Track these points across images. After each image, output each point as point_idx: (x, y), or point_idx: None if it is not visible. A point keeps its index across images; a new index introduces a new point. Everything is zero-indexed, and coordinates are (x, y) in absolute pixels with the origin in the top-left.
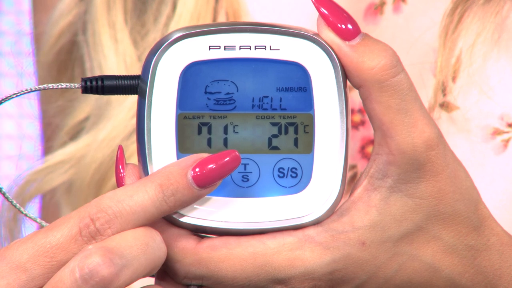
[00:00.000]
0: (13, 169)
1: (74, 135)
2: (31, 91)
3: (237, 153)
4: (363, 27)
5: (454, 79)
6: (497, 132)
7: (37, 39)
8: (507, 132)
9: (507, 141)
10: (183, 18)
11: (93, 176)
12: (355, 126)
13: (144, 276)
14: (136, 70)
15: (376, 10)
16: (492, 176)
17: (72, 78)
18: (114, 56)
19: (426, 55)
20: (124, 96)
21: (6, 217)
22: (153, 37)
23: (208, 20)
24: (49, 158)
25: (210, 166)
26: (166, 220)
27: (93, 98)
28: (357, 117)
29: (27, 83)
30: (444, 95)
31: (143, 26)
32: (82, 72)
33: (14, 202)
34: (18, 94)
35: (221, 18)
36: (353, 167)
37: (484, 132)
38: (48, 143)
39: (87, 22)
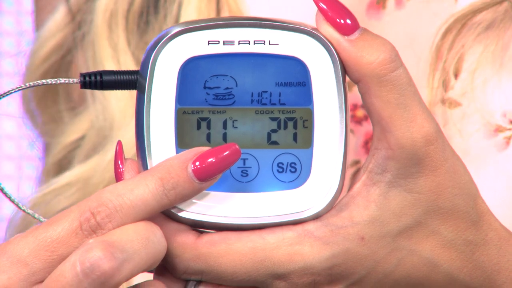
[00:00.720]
0: (13, 169)
1: (69, 153)
2: (29, 87)
3: (237, 146)
4: (366, 22)
5: (456, 75)
6: (499, 129)
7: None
8: (509, 129)
9: (509, 138)
10: None
11: None
12: (359, 121)
13: (144, 271)
14: None
15: (379, 4)
16: (494, 173)
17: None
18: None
19: (429, 50)
20: (129, 117)
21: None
22: None
23: None
24: (55, 181)
25: (210, 159)
26: (165, 215)
27: (85, 118)
28: (361, 112)
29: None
30: (446, 91)
31: (145, 46)
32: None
33: (13, 197)
34: (16, 90)
35: None
36: (357, 162)
37: (487, 129)
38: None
39: (86, 44)
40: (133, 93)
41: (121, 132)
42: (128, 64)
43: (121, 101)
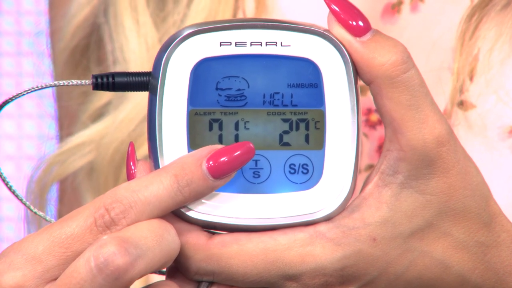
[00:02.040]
0: (13, 169)
1: (96, 119)
2: (42, 88)
3: (251, 144)
4: (381, 27)
5: (471, 78)
6: None
7: (52, 36)
8: None
9: None
10: (204, 0)
11: (113, 156)
12: (373, 125)
13: (157, 269)
14: None
15: (394, 9)
16: (508, 175)
17: (88, 73)
18: (136, 38)
19: (444, 54)
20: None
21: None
22: (173, 20)
23: (230, 5)
24: (71, 140)
25: (224, 157)
26: (176, 216)
27: None
28: (375, 117)
29: (31, 82)
30: (461, 93)
31: (163, 8)
32: (103, 54)
33: (24, 200)
34: (30, 91)
35: (242, 5)
36: (371, 166)
37: (501, 131)
38: (68, 130)
39: (108, 4)
40: (150, 50)
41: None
42: (147, 25)
43: (138, 59)
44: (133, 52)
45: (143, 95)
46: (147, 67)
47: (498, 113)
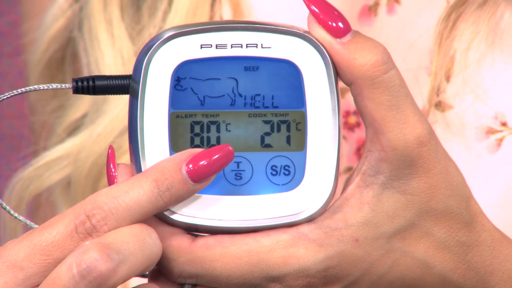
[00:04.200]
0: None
1: (71, 132)
2: (22, 92)
3: (230, 147)
4: (358, 28)
5: (448, 78)
6: (491, 131)
7: (26, 48)
8: (500, 131)
9: (501, 140)
10: (180, 13)
11: (90, 170)
12: (351, 128)
13: (139, 273)
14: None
15: (370, 11)
16: (486, 175)
17: (64, 81)
18: (111, 51)
19: (421, 55)
20: None
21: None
22: (149, 33)
23: (205, 15)
24: (47, 155)
25: (204, 160)
26: (159, 219)
27: (88, 96)
28: (353, 119)
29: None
30: (438, 94)
31: (138, 22)
32: (79, 68)
33: (4, 204)
34: (8, 96)
35: (219, 12)
36: (349, 169)
37: (478, 131)
38: (45, 143)
39: (83, 18)
40: (125, 63)
41: (113, 105)
42: (122, 38)
43: (114, 73)
44: (108, 65)
45: (121, 108)
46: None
47: (475, 113)
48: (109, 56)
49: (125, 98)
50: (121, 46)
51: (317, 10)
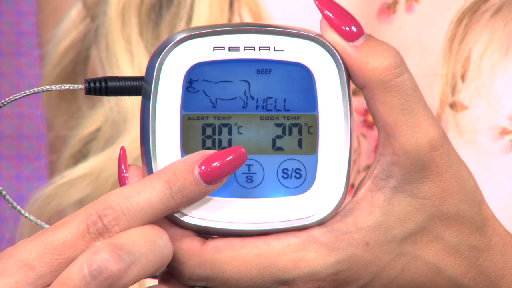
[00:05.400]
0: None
1: (86, 145)
2: (34, 93)
3: (243, 149)
4: (376, 27)
5: (463, 78)
6: (505, 132)
7: (42, 59)
8: None
9: None
10: None
11: (110, 189)
12: (370, 125)
13: (150, 275)
14: None
15: (389, 9)
16: (500, 176)
17: (76, 99)
18: (130, 69)
19: (439, 55)
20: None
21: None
22: None
23: None
24: (70, 173)
25: (216, 162)
26: (170, 221)
27: (101, 109)
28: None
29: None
30: (453, 94)
31: (157, 38)
32: None
33: (15, 204)
34: (21, 96)
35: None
36: (368, 167)
37: (492, 132)
38: (57, 155)
39: (100, 35)
40: None
41: (134, 125)
42: (141, 56)
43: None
44: None
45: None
46: None
47: (489, 113)
48: (128, 74)
49: None
50: (140, 64)
51: (331, 15)
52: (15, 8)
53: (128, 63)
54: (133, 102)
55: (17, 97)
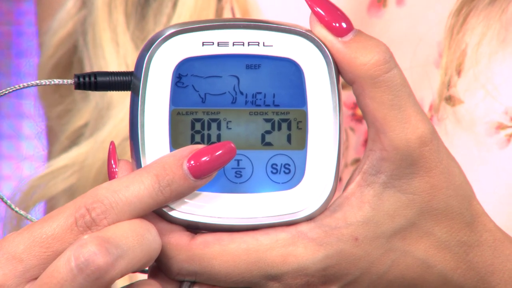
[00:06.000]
0: (13, 169)
1: (74, 140)
2: (24, 87)
3: (232, 144)
4: (367, 21)
5: (459, 73)
6: (501, 127)
7: (39, 48)
8: (511, 127)
9: (510, 135)
10: (183, 18)
11: (96, 178)
12: (359, 119)
13: (138, 269)
14: None
15: (380, 3)
16: (496, 171)
17: (71, 92)
18: (115, 60)
19: (431, 48)
20: (124, 95)
21: (10, 225)
22: None
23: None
24: (52, 163)
25: (205, 157)
26: (159, 215)
27: (92, 103)
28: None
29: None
30: (449, 89)
31: (143, 29)
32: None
33: (5, 198)
34: (10, 90)
35: (225, 16)
36: (357, 160)
37: (488, 127)
38: (49, 149)
39: (87, 26)
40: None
41: (117, 110)
42: (127, 46)
43: None
44: None
45: (125, 113)
46: None
47: (485, 108)
48: (114, 64)
49: (128, 102)
50: (126, 54)
51: (321, 11)
52: (15, 8)
53: (113, 53)
54: (117, 92)
55: (7, 92)
